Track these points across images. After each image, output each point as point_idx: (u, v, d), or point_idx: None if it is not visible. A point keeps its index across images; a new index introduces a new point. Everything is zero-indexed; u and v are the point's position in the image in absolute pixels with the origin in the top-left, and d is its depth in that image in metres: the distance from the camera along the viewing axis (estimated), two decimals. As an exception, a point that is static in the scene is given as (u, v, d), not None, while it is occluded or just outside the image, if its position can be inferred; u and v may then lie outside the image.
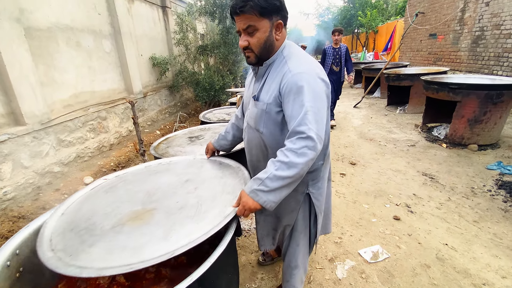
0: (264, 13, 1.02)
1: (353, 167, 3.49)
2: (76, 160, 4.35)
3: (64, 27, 4.31)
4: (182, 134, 2.43)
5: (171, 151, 1.98)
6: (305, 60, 1.09)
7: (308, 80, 1.02)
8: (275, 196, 0.99)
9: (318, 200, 1.29)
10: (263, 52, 1.09)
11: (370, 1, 16.76)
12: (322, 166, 1.26)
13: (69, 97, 4.40)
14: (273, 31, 1.08)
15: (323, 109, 1.04)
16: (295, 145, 0.96)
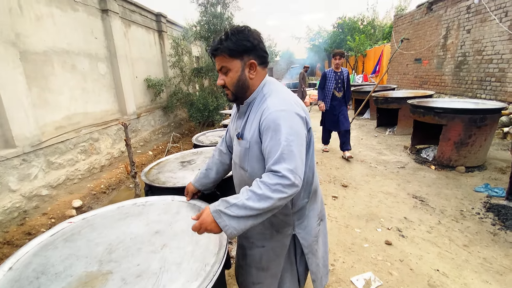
0: (233, 55, 1.05)
1: (345, 189, 3.52)
2: (66, 183, 4.27)
3: (60, 51, 4.39)
4: (174, 159, 2.44)
5: (162, 177, 1.98)
6: (284, 97, 1.09)
7: (286, 117, 1.01)
8: (238, 224, 0.94)
9: (306, 239, 1.24)
10: (237, 90, 1.12)
11: (358, 27, 17.60)
12: (307, 204, 1.22)
13: (61, 118, 4.40)
14: (246, 71, 1.09)
15: (301, 146, 1.02)
16: (271, 181, 0.94)
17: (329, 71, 4.47)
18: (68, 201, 4.06)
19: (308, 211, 1.24)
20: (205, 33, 6.89)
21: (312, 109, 10.04)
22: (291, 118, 1.02)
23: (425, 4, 7.55)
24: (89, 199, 4.30)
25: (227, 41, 1.04)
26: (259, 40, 1.09)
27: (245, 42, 1.05)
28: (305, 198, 1.21)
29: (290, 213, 1.18)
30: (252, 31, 1.09)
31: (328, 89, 4.50)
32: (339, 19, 18.25)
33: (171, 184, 1.84)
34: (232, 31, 1.05)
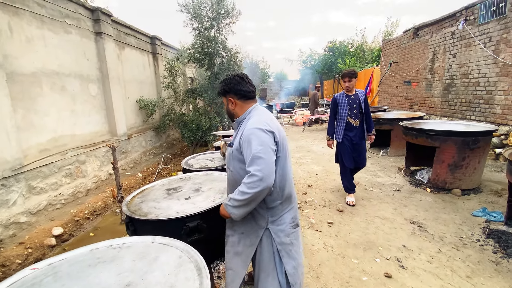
0: (220, 94, 1.63)
1: (341, 214, 3.39)
2: (47, 209, 4.04)
3: (50, 72, 4.33)
4: (160, 185, 2.31)
5: (144, 208, 1.84)
6: (260, 119, 1.45)
7: (256, 133, 1.37)
8: (237, 210, 1.37)
9: (278, 235, 1.49)
10: (228, 115, 1.66)
11: (348, 50, 18.23)
12: (280, 205, 1.50)
13: (47, 141, 4.25)
14: (229, 104, 1.58)
15: (269, 153, 1.34)
16: (246, 180, 1.31)
17: (339, 95, 3.58)
18: (48, 229, 3.82)
19: (282, 212, 1.52)
20: (199, 56, 6.97)
21: (306, 130, 10.07)
22: (259, 133, 1.37)
23: (411, 30, 7.86)
24: (71, 226, 4.06)
25: (220, 86, 1.60)
26: (236, 83, 1.53)
27: (224, 87, 1.55)
28: (278, 200, 1.49)
29: (264, 207, 1.48)
30: (232, 78, 1.55)
31: (341, 117, 3.54)
32: (329, 43, 18.91)
33: (153, 216, 1.71)
34: (222, 80, 1.59)
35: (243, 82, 1.54)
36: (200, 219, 1.73)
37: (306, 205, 3.71)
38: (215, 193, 2.06)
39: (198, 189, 2.17)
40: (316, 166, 5.44)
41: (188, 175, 2.55)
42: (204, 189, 2.16)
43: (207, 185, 2.25)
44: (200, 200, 1.94)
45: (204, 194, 2.05)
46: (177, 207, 1.83)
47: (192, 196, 2.02)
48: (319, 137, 8.55)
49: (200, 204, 1.86)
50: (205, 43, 6.77)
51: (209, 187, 2.21)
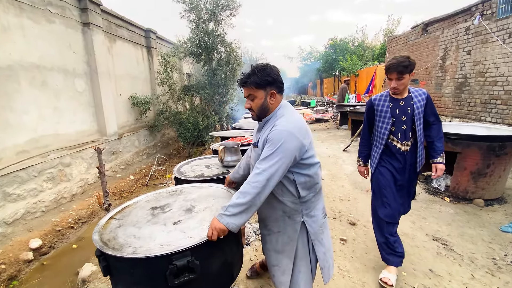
0: (259, 87, 1.38)
1: (354, 228, 3.02)
2: (25, 218, 3.63)
3: (28, 66, 3.89)
4: (145, 202, 1.90)
5: (120, 236, 1.44)
6: (291, 120, 1.37)
7: (284, 136, 1.29)
8: (235, 219, 1.25)
9: (312, 227, 1.50)
10: (260, 112, 1.44)
11: (349, 48, 17.84)
12: (313, 197, 1.50)
13: (25, 142, 3.83)
14: (267, 98, 1.41)
15: (285, 159, 1.28)
16: (251, 178, 1.25)
17: (380, 98, 2.12)
18: (25, 241, 3.41)
19: (315, 204, 1.51)
20: (196, 50, 6.53)
21: (307, 129, 9.69)
22: (288, 138, 1.29)
23: (420, 25, 7.48)
24: (52, 237, 3.65)
25: (254, 76, 1.36)
26: (277, 75, 1.41)
27: (268, 77, 1.37)
28: (312, 193, 1.48)
29: (298, 202, 1.46)
30: (273, 68, 1.40)
31: (378, 134, 2.14)
32: (330, 40, 18.50)
33: (130, 249, 1.31)
34: (258, 69, 1.38)
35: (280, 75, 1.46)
36: (192, 255, 1.34)
37: (313, 216, 3.34)
38: (212, 215, 1.63)
39: (190, 208, 1.74)
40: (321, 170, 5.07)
41: (179, 188, 2.14)
42: (197, 209, 1.74)
43: (201, 203, 1.83)
44: (192, 225, 1.51)
45: (198, 217, 1.63)
46: (162, 236, 1.42)
47: (182, 220, 1.59)
48: (321, 137, 8.17)
49: (191, 232, 1.44)
50: (202, 37, 6.33)
51: (204, 205, 1.79)
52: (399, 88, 1.99)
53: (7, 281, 2.93)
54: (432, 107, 2.06)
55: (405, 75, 1.93)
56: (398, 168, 2.10)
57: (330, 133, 8.73)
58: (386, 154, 2.14)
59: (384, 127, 2.08)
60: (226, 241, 1.55)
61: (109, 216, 1.73)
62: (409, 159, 2.08)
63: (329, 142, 7.35)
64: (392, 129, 2.06)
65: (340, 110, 9.51)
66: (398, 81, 1.97)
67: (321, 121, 11.43)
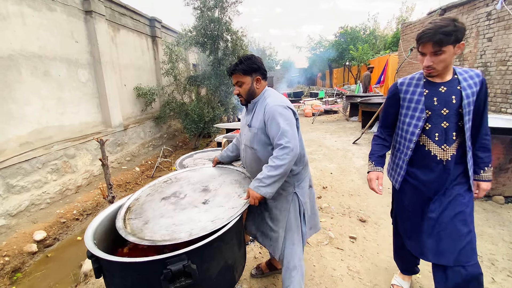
0: (245, 73, 1.57)
1: (364, 226, 2.87)
2: (29, 209, 3.62)
3: (30, 55, 3.81)
4: (148, 196, 1.77)
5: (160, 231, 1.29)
6: (277, 97, 1.59)
7: (279, 109, 1.49)
8: (270, 188, 1.44)
9: (303, 196, 1.67)
10: (248, 96, 1.63)
11: (360, 36, 17.25)
12: (303, 169, 1.67)
13: (28, 133, 3.78)
14: (254, 83, 1.60)
15: (294, 127, 1.48)
16: (279, 153, 1.43)
17: (408, 82, 1.47)
18: (29, 233, 3.40)
19: (304, 176, 1.68)
20: (201, 39, 6.34)
21: (316, 121, 9.46)
22: (282, 110, 1.49)
23: (438, 11, 7.06)
24: (56, 229, 3.64)
25: (241, 64, 1.56)
26: (261, 63, 1.62)
27: (253, 65, 1.58)
28: (301, 166, 1.65)
29: (291, 175, 1.61)
30: (257, 58, 1.61)
31: (404, 134, 1.49)
32: (341, 29, 17.93)
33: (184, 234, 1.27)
34: (244, 58, 1.58)
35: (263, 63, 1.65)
36: (188, 258, 1.22)
37: (321, 212, 3.19)
38: (232, 188, 1.66)
39: (205, 189, 1.68)
40: (329, 163, 4.89)
41: (171, 176, 1.95)
42: (213, 187, 1.69)
43: (212, 182, 1.77)
44: (223, 200, 1.53)
45: (221, 193, 1.61)
46: (204, 216, 1.40)
47: (208, 199, 1.55)
48: (330, 129, 7.95)
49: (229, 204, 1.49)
50: (208, 25, 6.13)
51: (217, 183, 1.74)
52: (436, 67, 1.30)
53: (11, 273, 2.93)
54: (486, 98, 1.37)
55: (446, 47, 1.24)
56: (433, 186, 1.40)
57: (340, 125, 8.49)
58: (415, 164, 1.46)
59: (414, 124, 1.41)
60: (226, 243, 1.44)
61: (122, 218, 1.57)
62: (452, 173, 1.37)
63: (338, 134, 7.14)
64: (426, 127, 1.39)
65: (350, 101, 9.22)
66: (434, 57, 1.27)
67: (330, 112, 11.15)
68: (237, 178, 1.78)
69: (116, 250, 1.73)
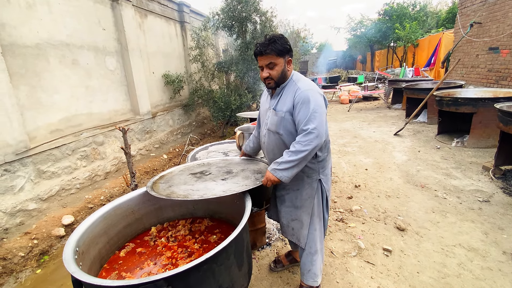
0: (280, 54, 1.50)
1: (402, 235, 2.43)
2: (60, 194, 3.77)
3: (57, 44, 3.86)
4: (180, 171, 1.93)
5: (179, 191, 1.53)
6: (309, 82, 1.56)
7: (312, 94, 1.46)
8: (288, 172, 1.43)
9: (327, 184, 1.68)
10: (279, 79, 1.56)
11: (409, 13, 15.42)
12: (327, 156, 1.66)
13: (58, 121, 3.89)
14: (286, 65, 1.55)
15: (323, 114, 1.46)
16: (302, 139, 1.40)
17: None
18: (58, 217, 3.54)
19: (328, 163, 1.69)
20: (228, 22, 6.02)
21: (352, 108, 8.72)
22: (315, 95, 1.47)
23: (510, -25, 5.82)
24: (84, 213, 3.76)
25: (275, 44, 1.47)
26: (290, 44, 1.55)
27: (286, 45, 1.51)
28: (326, 153, 1.64)
29: (316, 162, 1.60)
30: (285, 38, 1.53)
31: None
32: (386, 5, 16.18)
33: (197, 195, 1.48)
34: (276, 37, 1.49)
35: None
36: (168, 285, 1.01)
37: (351, 215, 2.80)
38: (253, 174, 1.75)
39: (229, 171, 1.81)
40: (365, 157, 4.37)
41: (205, 161, 2.07)
42: (236, 171, 1.81)
43: (236, 168, 1.88)
44: (240, 180, 1.64)
45: (240, 175, 1.73)
46: (218, 187, 1.56)
47: (228, 178, 1.69)
48: (368, 118, 7.24)
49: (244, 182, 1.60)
50: (235, 6, 5.77)
51: (240, 168, 1.86)
52: None
53: (39, 256, 3.06)
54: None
55: None
56: None
57: (380, 114, 7.70)
58: None
59: None
60: (220, 264, 1.19)
61: (153, 181, 1.69)
62: None
63: (378, 124, 6.45)
64: None
65: (394, 87, 8.30)
66: None
67: (369, 99, 10.24)
68: (261, 168, 1.84)
69: (113, 252, 1.67)
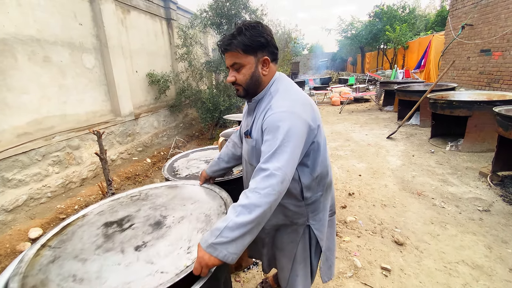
0: (248, 51, 1.04)
1: (401, 251, 2.23)
2: (28, 204, 3.42)
3: (26, 39, 3.51)
4: (97, 215, 1.35)
5: (53, 281, 0.90)
6: (290, 97, 1.07)
7: (286, 119, 0.98)
8: (236, 247, 0.87)
9: (320, 231, 1.25)
10: (250, 86, 1.10)
11: (399, 15, 15.51)
12: (322, 197, 1.22)
13: (26, 123, 3.55)
14: (259, 67, 1.08)
15: (297, 148, 0.98)
16: (259, 185, 0.90)
17: None
18: (25, 230, 3.20)
19: (323, 204, 1.25)
20: (216, 18, 5.76)
21: (344, 110, 8.60)
22: (291, 120, 0.99)
23: (501, -23, 5.79)
24: (55, 225, 3.42)
25: (241, 36, 1.02)
26: (271, 37, 1.08)
27: (260, 38, 1.03)
28: (320, 191, 1.21)
29: (303, 204, 1.18)
30: (265, 27, 1.07)
31: None
32: (376, 7, 16.25)
33: None
34: (246, 26, 1.03)
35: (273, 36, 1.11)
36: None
37: (346, 227, 2.59)
38: (191, 229, 1.13)
39: (160, 221, 1.21)
40: (358, 162, 4.19)
41: (144, 190, 1.56)
42: (170, 221, 1.20)
43: (176, 211, 1.28)
44: (163, 251, 1.00)
45: (172, 235, 1.10)
46: (117, 275, 0.90)
47: (148, 242, 1.06)
48: (360, 120, 7.10)
49: (162, 263, 0.93)
50: (223, 2, 5.51)
51: (180, 214, 1.25)
52: None
53: None
54: None
55: None
56: None
57: (372, 116, 7.59)
58: None
59: None
60: None
61: (41, 243, 1.24)
62: None
63: (370, 127, 6.31)
64: None
65: (385, 89, 8.21)
66: None
67: (360, 101, 10.14)
68: (213, 209, 1.27)
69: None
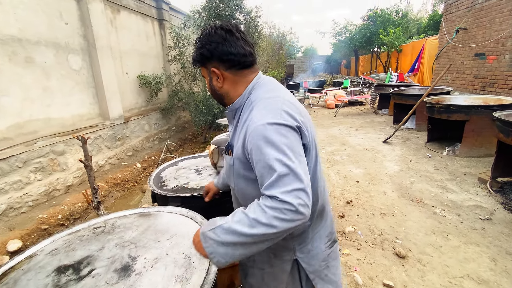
0: (198, 64, 0.96)
1: (403, 264, 2.12)
2: (7, 214, 3.21)
3: (7, 39, 3.32)
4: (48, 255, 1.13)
5: None
6: (271, 103, 0.85)
7: (273, 132, 0.78)
8: (226, 251, 0.78)
9: (310, 264, 1.01)
10: (216, 98, 1.02)
11: (392, 19, 15.62)
12: (310, 227, 0.99)
13: (6, 128, 3.34)
14: (214, 79, 0.95)
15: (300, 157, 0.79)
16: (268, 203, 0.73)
17: None
18: (3, 242, 2.98)
19: (313, 234, 1.01)
20: (210, 20, 5.63)
21: (339, 113, 8.53)
22: (279, 131, 0.79)
23: (495, -18, 5.80)
24: (36, 236, 3.21)
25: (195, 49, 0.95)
26: (220, 42, 0.88)
27: (202, 50, 0.91)
28: (307, 221, 0.93)
29: (288, 237, 0.96)
30: (213, 34, 0.89)
31: None
32: (370, 11, 16.34)
33: None
34: (198, 37, 0.94)
35: (232, 39, 0.88)
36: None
37: (345, 239, 2.47)
38: (167, 278, 0.91)
39: (128, 265, 1.00)
40: (355, 167, 4.09)
41: (110, 220, 1.35)
42: (141, 265, 0.99)
43: (149, 250, 1.08)
44: None
45: (143, 285, 0.89)
46: None
47: None
48: (356, 123, 7.03)
49: None
50: (217, 3, 5.39)
51: (154, 255, 1.04)
52: None
53: None
54: None
55: None
56: None
57: (367, 119, 7.53)
58: None
59: None
60: None
61: None
62: None
63: (365, 131, 6.23)
64: None
65: (380, 92, 8.17)
66: None
67: (355, 104, 10.11)
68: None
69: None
